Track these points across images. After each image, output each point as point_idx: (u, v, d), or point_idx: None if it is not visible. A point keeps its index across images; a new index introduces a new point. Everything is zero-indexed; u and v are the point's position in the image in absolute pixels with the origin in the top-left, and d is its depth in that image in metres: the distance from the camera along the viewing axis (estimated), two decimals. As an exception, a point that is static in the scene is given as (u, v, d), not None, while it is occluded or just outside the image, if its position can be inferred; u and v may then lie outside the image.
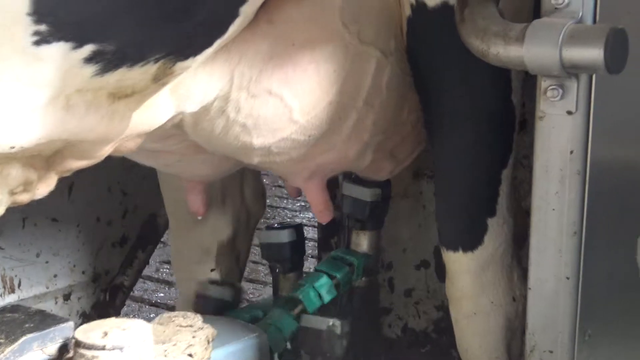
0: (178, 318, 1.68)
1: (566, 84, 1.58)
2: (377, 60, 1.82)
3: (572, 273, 1.65)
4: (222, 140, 1.75)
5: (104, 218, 2.61)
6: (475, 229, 1.92)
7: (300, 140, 1.80)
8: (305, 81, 1.72)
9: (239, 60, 1.63)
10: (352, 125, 1.86)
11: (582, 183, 1.62)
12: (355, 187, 2.23)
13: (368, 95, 1.84)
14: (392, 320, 2.70)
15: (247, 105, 1.69)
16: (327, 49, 1.72)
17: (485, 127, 1.88)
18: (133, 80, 1.39)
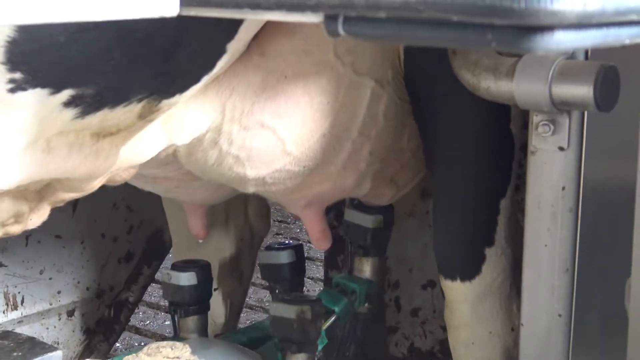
0: (166, 349, 1.66)
1: (558, 120, 1.57)
2: (373, 90, 1.80)
3: (564, 310, 1.63)
4: (216, 171, 1.75)
5: (109, 234, 2.61)
6: (473, 258, 1.90)
7: (295, 171, 1.79)
8: (298, 113, 1.70)
9: (231, 93, 1.62)
10: (348, 156, 1.85)
11: (574, 220, 1.60)
12: (356, 214, 2.22)
13: (364, 125, 1.83)
14: (398, 339, 2.68)
15: (240, 138, 1.68)
16: (320, 80, 1.71)
17: (483, 156, 1.87)
18: (117, 119, 1.38)
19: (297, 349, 2.01)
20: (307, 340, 2.01)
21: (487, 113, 1.82)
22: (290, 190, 1.87)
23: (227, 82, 1.60)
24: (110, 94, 1.32)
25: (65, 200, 1.57)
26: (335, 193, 1.97)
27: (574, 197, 1.59)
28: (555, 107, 1.52)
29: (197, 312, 2.15)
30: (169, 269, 2.15)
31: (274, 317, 2.01)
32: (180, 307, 2.15)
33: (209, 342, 2.09)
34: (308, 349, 2.02)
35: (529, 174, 1.63)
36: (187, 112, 1.57)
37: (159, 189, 2.00)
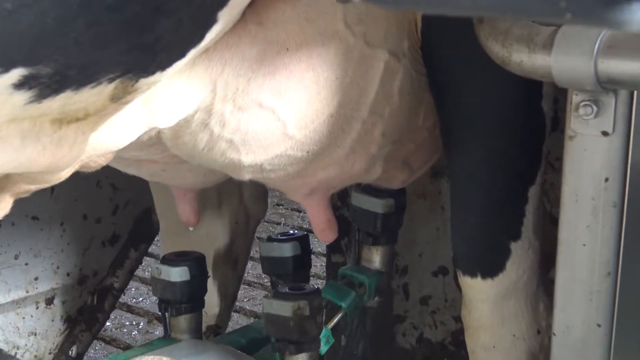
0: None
1: (602, 100, 1.39)
2: (387, 64, 1.63)
3: (604, 320, 1.48)
4: (207, 157, 1.58)
5: (91, 215, 2.48)
6: (496, 253, 1.75)
7: (297, 156, 1.63)
8: (301, 91, 1.53)
9: (223, 68, 1.44)
10: (357, 138, 1.68)
11: (618, 216, 1.44)
12: (365, 198, 2.05)
13: (376, 103, 1.66)
14: (406, 329, 2.59)
15: (234, 119, 1.51)
16: (328, 53, 1.53)
17: (509, 138, 1.70)
18: (84, 103, 1.20)
19: (296, 350, 1.84)
20: (307, 338, 1.84)
21: (516, 88, 1.65)
22: (291, 176, 1.70)
23: (218, 55, 1.42)
24: (72, 74, 1.14)
25: (31, 191, 1.42)
26: (342, 179, 1.81)
27: (618, 189, 1.43)
28: (601, 85, 1.35)
29: (190, 311, 1.98)
30: (159, 263, 1.97)
31: (268, 316, 1.83)
32: (172, 305, 1.97)
33: (202, 346, 1.94)
34: (308, 347, 1.86)
35: (566, 162, 1.47)
36: (171, 91, 1.40)
37: (143, 172, 1.85)
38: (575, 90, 1.40)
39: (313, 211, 1.91)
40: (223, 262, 2.30)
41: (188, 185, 1.98)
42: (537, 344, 1.81)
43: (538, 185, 1.72)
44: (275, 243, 2.08)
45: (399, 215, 2.10)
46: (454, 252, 1.82)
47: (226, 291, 2.34)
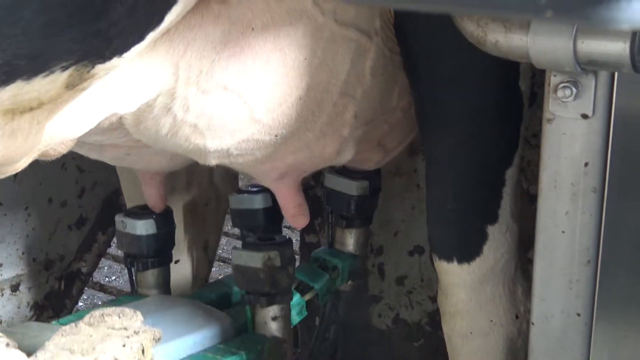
0: (112, 317, 1.42)
1: (581, 82, 1.35)
2: (358, 43, 1.58)
3: (584, 309, 1.46)
4: (171, 142, 1.53)
5: (57, 198, 2.41)
6: (473, 237, 1.71)
7: (266, 140, 1.58)
8: (268, 73, 1.48)
9: (185, 50, 1.39)
10: (328, 121, 1.63)
11: (598, 202, 1.41)
12: (339, 179, 2.02)
13: (347, 84, 1.61)
14: (382, 309, 2.55)
15: (198, 103, 1.46)
16: (295, 33, 1.48)
17: (486, 118, 1.65)
18: (37, 92, 1.14)
19: (267, 302, 1.80)
20: (278, 290, 1.80)
21: (492, 67, 1.59)
22: (260, 161, 1.65)
23: (180, 36, 1.37)
24: (22, 63, 1.08)
25: None
26: (313, 163, 1.76)
27: (598, 175, 1.40)
28: (580, 66, 1.30)
29: (157, 265, 1.95)
30: (123, 216, 1.94)
31: (237, 267, 1.79)
32: (138, 259, 1.94)
33: (170, 301, 1.91)
34: (280, 300, 1.82)
35: (544, 147, 1.43)
36: (131, 75, 1.34)
37: (106, 157, 1.78)
38: (553, 72, 1.35)
39: (283, 196, 1.86)
40: (193, 244, 2.26)
41: (154, 169, 1.93)
42: (516, 330, 1.78)
43: (515, 167, 1.68)
44: (246, 195, 2.02)
45: (374, 197, 2.07)
46: (430, 237, 1.79)
47: (197, 274, 2.30)
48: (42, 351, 1.30)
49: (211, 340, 1.77)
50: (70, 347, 1.31)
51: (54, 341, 1.32)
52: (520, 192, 1.78)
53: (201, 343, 1.74)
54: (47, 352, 1.29)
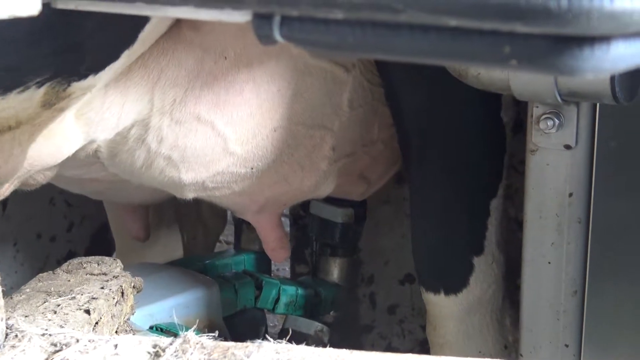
0: (91, 264, 1.39)
1: (564, 113, 1.36)
2: (334, 75, 1.57)
3: (571, 340, 1.46)
4: (146, 175, 1.51)
5: (46, 234, 2.38)
6: (458, 269, 1.69)
7: (241, 173, 1.55)
8: (241, 104, 1.46)
9: (159, 76, 1.36)
10: (305, 154, 1.62)
11: (583, 232, 1.41)
12: (324, 206, 1.99)
13: (324, 117, 1.59)
14: (374, 339, 2.52)
15: (172, 134, 1.44)
16: (268, 63, 1.46)
17: (469, 149, 1.64)
18: (13, 110, 1.13)
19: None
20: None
21: (473, 98, 1.58)
22: (237, 194, 1.63)
23: (154, 61, 1.35)
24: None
25: None
26: (292, 196, 1.74)
27: (582, 205, 1.40)
28: (562, 98, 1.31)
29: None
30: None
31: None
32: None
33: (155, 267, 1.88)
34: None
35: (528, 178, 1.44)
36: (106, 101, 1.32)
37: (87, 191, 1.78)
38: (535, 103, 1.35)
39: (263, 229, 1.84)
40: None
41: (137, 203, 1.91)
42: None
43: (500, 198, 1.67)
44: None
45: (359, 225, 2.04)
46: (416, 268, 1.78)
47: None
48: (17, 294, 1.27)
49: (196, 303, 1.76)
50: (47, 289, 1.29)
51: (31, 285, 1.30)
52: (506, 221, 1.78)
53: (185, 305, 1.73)
54: (23, 294, 1.26)
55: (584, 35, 0.50)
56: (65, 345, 1.09)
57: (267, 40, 0.59)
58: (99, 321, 1.26)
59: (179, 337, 1.05)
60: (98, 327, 1.27)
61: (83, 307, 1.26)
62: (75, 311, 1.25)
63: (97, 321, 1.26)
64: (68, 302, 1.27)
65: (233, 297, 1.84)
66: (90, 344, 1.08)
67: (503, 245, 1.71)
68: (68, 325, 1.20)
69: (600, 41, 0.50)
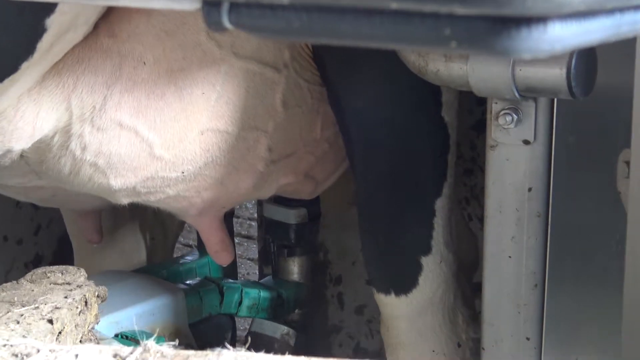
0: (55, 274, 1.39)
1: (522, 108, 1.36)
2: (263, 76, 1.54)
3: (532, 332, 1.46)
4: (75, 181, 1.49)
5: (12, 236, 2.38)
6: (407, 269, 1.68)
7: (172, 177, 1.53)
8: (164, 109, 1.44)
9: (75, 85, 1.35)
10: (239, 156, 1.59)
11: (543, 226, 1.41)
12: (276, 209, 2.01)
13: (256, 118, 1.56)
14: (342, 339, 2.53)
15: (94, 141, 1.42)
16: (190, 67, 1.44)
17: (409, 149, 1.62)
18: None
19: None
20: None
21: (411, 99, 1.58)
22: (174, 198, 1.61)
23: (68, 70, 1.34)
24: None
25: None
26: (229, 198, 1.70)
27: (542, 199, 1.40)
28: (520, 93, 1.31)
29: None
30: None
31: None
32: None
33: (121, 274, 1.89)
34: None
35: (488, 173, 1.43)
36: (20, 109, 1.31)
37: (33, 198, 1.75)
38: (494, 99, 1.36)
39: (205, 232, 1.82)
40: None
41: (86, 209, 1.88)
42: (459, 358, 1.76)
43: (446, 197, 1.65)
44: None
45: (314, 223, 2.05)
46: (367, 270, 1.77)
47: None
48: None
49: (162, 310, 1.76)
50: (11, 299, 1.28)
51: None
52: (458, 222, 1.77)
53: (151, 312, 1.73)
54: None
55: (520, 16, 0.51)
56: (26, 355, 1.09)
57: (216, 27, 0.60)
58: (62, 331, 1.26)
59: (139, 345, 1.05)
60: (61, 336, 1.27)
61: (46, 317, 1.26)
62: (38, 321, 1.25)
63: (60, 331, 1.26)
64: (31, 312, 1.27)
65: (198, 304, 1.84)
66: (51, 353, 1.08)
67: (452, 244, 1.71)
68: (31, 335, 1.20)
69: (537, 22, 0.51)
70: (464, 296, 1.78)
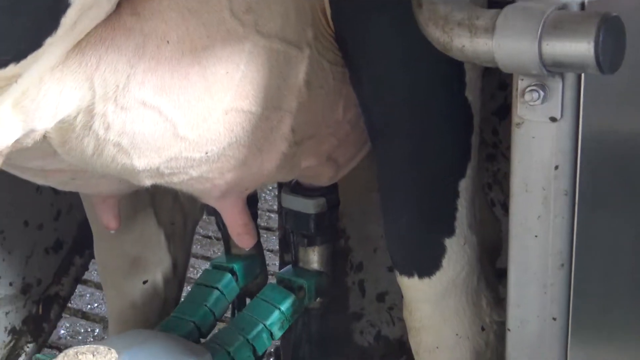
0: (86, 355, 1.41)
1: (549, 85, 1.34)
2: (287, 55, 1.54)
3: (559, 313, 1.44)
4: (99, 162, 1.49)
5: (33, 221, 2.36)
6: (430, 251, 1.68)
7: (196, 157, 1.53)
8: (188, 88, 1.44)
9: (98, 64, 1.35)
10: (263, 136, 1.58)
11: (570, 205, 1.39)
12: (295, 199, 2.00)
13: (279, 98, 1.56)
14: (363, 326, 2.51)
15: (118, 120, 1.42)
16: (214, 46, 1.44)
17: (433, 129, 1.62)
18: None
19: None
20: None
21: (436, 78, 1.58)
22: (197, 180, 1.60)
23: (92, 49, 1.34)
24: None
25: None
26: (253, 180, 1.70)
27: (569, 177, 1.38)
28: (546, 69, 1.29)
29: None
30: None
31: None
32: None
33: (147, 335, 1.89)
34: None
35: (514, 151, 1.42)
36: (42, 89, 1.32)
37: (52, 182, 1.74)
38: (520, 75, 1.34)
39: (228, 215, 1.82)
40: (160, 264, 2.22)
41: (104, 193, 1.87)
42: (482, 342, 1.76)
43: (469, 178, 1.65)
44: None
45: (333, 212, 2.04)
46: (390, 253, 1.76)
47: (167, 294, 2.25)
48: None
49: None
50: None
51: None
52: (481, 204, 1.76)
53: None
54: None
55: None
56: None
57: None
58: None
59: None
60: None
61: (79, 398, 1.31)
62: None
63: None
64: (65, 392, 1.33)
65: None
66: None
67: (476, 226, 1.70)
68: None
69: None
70: (487, 279, 1.77)
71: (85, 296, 4.14)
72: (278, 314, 1.93)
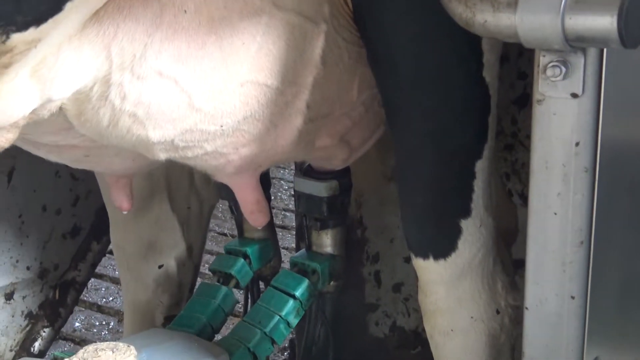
0: (105, 352, 1.42)
1: (570, 60, 1.33)
2: (303, 29, 1.53)
3: (578, 291, 1.43)
4: (114, 134, 1.48)
5: (51, 206, 2.38)
6: (446, 233, 1.67)
7: (210, 130, 1.52)
8: (204, 59, 1.43)
9: (115, 33, 1.35)
10: (278, 110, 1.57)
11: (590, 182, 1.38)
12: (307, 182, 1.98)
13: (295, 72, 1.55)
14: (379, 317, 2.51)
15: (134, 90, 1.41)
16: (231, 16, 1.43)
17: (451, 110, 1.61)
18: None
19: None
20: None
21: (454, 59, 1.57)
22: (210, 155, 1.59)
23: (109, 18, 1.33)
24: None
25: None
26: (268, 156, 1.69)
27: (589, 154, 1.37)
28: (569, 43, 1.28)
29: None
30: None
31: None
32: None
33: (165, 334, 1.89)
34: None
35: (534, 128, 1.40)
36: (60, 58, 1.31)
37: (65, 159, 1.73)
38: (542, 51, 1.34)
39: (241, 192, 1.81)
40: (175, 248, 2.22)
41: (117, 172, 1.87)
42: (497, 325, 1.75)
43: (486, 160, 1.64)
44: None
45: (345, 196, 2.03)
46: (405, 234, 1.75)
47: (182, 279, 2.25)
48: None
49: None
50: None
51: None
52: (497, 187, 1.75)
53: None
54: None
55: None
56: None
57: None
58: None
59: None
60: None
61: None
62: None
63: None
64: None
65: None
66: None
67: (491, 208, 1.69)
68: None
69: None
70: (503, 263, 1.76)
71: (100, 290, 4.16)
72: (293, 302, 1.93)
